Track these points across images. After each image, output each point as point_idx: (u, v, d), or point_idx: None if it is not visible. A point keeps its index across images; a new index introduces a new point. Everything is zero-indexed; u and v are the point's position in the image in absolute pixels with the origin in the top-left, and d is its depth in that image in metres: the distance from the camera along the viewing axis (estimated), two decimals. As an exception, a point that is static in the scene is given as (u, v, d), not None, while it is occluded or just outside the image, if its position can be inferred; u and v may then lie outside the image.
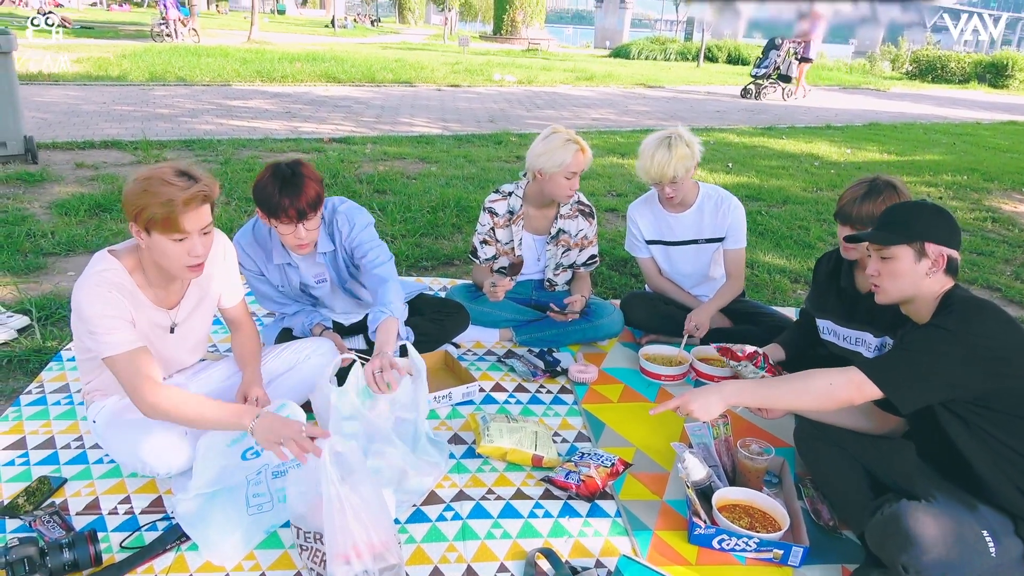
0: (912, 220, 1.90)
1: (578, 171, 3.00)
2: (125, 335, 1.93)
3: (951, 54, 27.76)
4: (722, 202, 3.17)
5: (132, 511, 2.03)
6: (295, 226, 2.37)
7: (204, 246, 1.97)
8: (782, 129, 11.18)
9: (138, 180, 1.87)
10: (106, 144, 6.94)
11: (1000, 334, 1.77)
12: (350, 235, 2.61)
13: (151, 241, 1.90)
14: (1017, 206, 6.91)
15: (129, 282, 1.99)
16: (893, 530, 1.74)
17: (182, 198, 1.84)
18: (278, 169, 2.35)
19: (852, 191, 2.41)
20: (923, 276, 1.88)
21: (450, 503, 2.15)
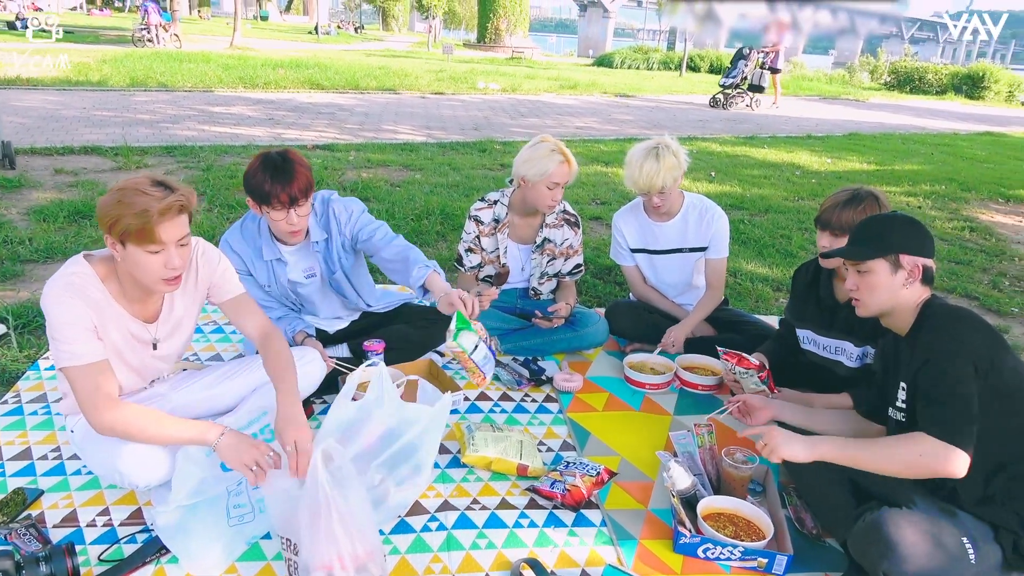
0: (885, 233, 1.92)
1: (561, 182, 2.99)
2: (84, 347, 1.86)
3: (928, 65, 28.16)
4: (706, 211, 3.19)
5: (111, 523, 2.00)
6: (287, 212, 2.42)
7: (181, 258, 1.90)
8: (764, 139, 11.28)
9: (112, 190, 1.83)
10: (86, 150, 6.87)
11: (983, 336, 1.81)
12: (350, 220, 2.68)
13: (126, 253, 1.84)
14: (994, 216, 7.01)
15: (100, 290, 1.93)
16: (874, 537, 1.75)
17: (158, 208, 1.78)
18: (268, 157, 2.41)
19: (834, 198, 2.45)
20: (900, 287, 1.90)
21: (435, 513, 2.13)
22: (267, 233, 2.63)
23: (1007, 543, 1.80)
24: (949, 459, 1.73)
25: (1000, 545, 1.80)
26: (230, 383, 2.37)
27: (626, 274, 3.40)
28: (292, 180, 2.37)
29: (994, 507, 1.81)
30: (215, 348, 3.13)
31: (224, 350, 3.11)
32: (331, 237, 2.69)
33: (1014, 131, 15.62)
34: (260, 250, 2.64)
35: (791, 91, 22.21)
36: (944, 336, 1.81)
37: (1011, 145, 13.03)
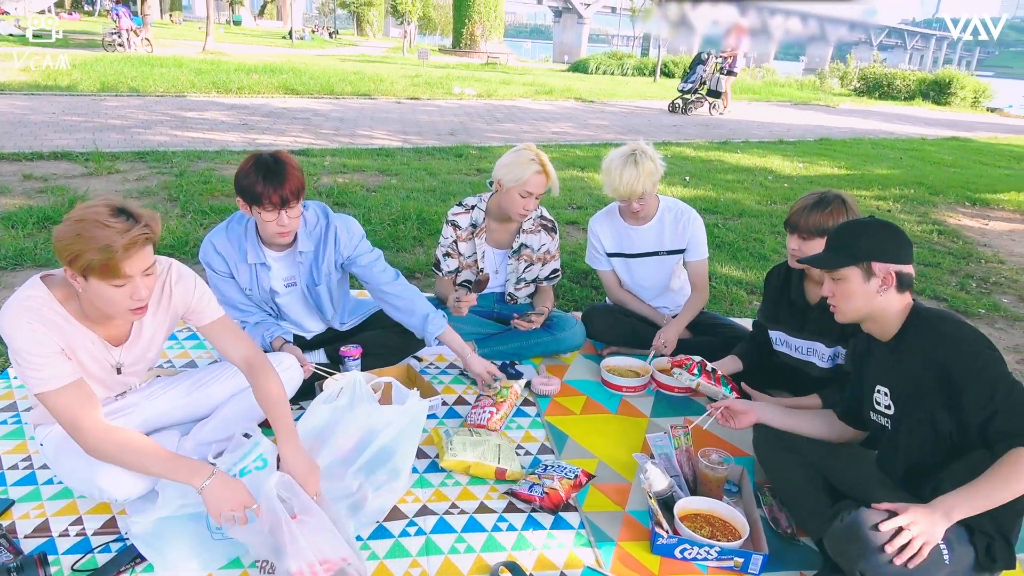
0: (857, 240, 1.92)
1: (535, 193, 2.99)
2: (52, 371, 1.79)
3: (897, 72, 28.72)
4: (681, 215, 3.22)
5: (84, 533, 1.97)
6: (278, 213, 2.42)
7: (148, 287, 1.81)
8: (737, 143, 11.41)
9: (70, 222, 1.68)
10: (56, 155, 6.76)
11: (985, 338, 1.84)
12: (350, 243, 2.72)
13: (88, 286, 1.73)
14: (961, 219, 7.16)
15: (58, 312, 1.83)
16: (852, 537, 1.78)
17: (122, 243, 1.66)
18: (260, 159, 2.41)
19: (802, 201, 2.49)
20: (874, 294, 1.90)
21: (413, 518, 2.13)
22: (254, 236, 2.61)
23: (981, 545, 1.83)
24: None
25: (974, 546, 1.83)
26: (206, 390, 2.35)
27: (602, 278, 3.42)
28: (284, 181, 2.38)
29: None
30: (189, 355, 3.10)
31: (199, 357, 3.08)
32: (321, 251, 2.69)
33: (979, 136, 15.98)
34: (245, 253, 2.62)
35: (763, 97, 22.53)
36: (967, 347, 1.80)
37: (977, 150, 13.32)
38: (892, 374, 1.94)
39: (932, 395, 1.87)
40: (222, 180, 6.17)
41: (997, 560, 1.87)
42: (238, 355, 2.12)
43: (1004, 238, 6.56)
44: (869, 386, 2.02)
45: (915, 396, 1.92)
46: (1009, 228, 7.01)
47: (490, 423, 2.58)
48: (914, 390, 1.92)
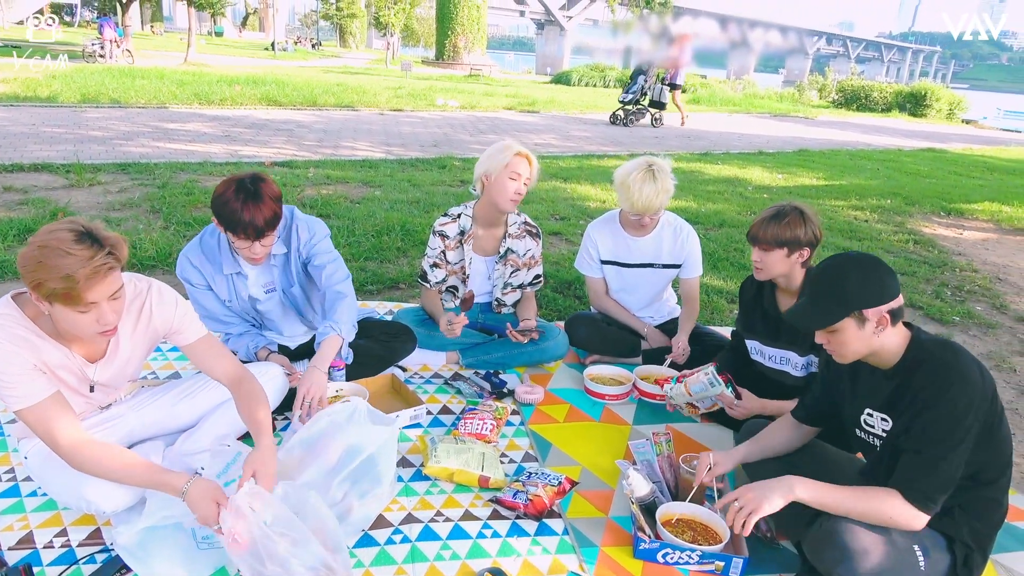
0: (842, 289, 1.83)
1: (522, 173, 3.04)
2: (26, 388, 1.77)
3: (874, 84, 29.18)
4: (680, 230, 3.27)
5: (69, 544, 1.97)
6: (251, 243, 2.43)
7: (115, 311, 1.78)
8: (718, 154, 11.55)
9: (33, 247, 1.65)
10: (36, 167, 6.72)
11: (985, 378, 1.79)
12: (309, 241, 2.69)
13: (54, 311, 1.72)
14: (936, 228, 7.29)
15: (29, 329, 1.82)
16: (830, 543, 1.82)
17: (84, 273, 1.63)
18: (241, 185, 2.37)
19: (762, 214, 2.57)
20: (871, 336, 1.83)
21: (399, 526, 2.15)
22: (227, 248, 2.62)
23: (960, 555, 1.88)
24: (914, 522, 1.79)
25: (952, 554, 1.88)
26: (191, 401, 2.36)
27: (589, 284, 3.45)
28: (261, 214, 2.36)
29: (951, 520, 1.88)
30: (174, 366, 3.10)
31: (183, 368, 3.08)
32: (290, 252, 2.70)
33: (954, 147, 16.26)
34: (220, 265, 2.63)
35: (743, 108, 22.78)
36: (955, 390, 1.75)
37: (951, 161, 13.56)
38: (891, 403, 1.90)
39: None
40: (205, 192, 6.16)
41: (973, 571, 1.92)
42: (222, 373, 2.12)
43: (978, 247, 6.69)
44: (856, 406, 2.00)
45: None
46: (983, 237, 7.15)
47: (492, 434, 2.62)
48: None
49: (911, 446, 1.79)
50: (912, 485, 1.78)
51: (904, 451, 1.81)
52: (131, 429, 2.24)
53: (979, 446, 1.78)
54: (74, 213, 5.15)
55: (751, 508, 1.85)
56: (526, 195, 3.14)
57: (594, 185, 7.94)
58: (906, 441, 1.81)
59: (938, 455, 1.76)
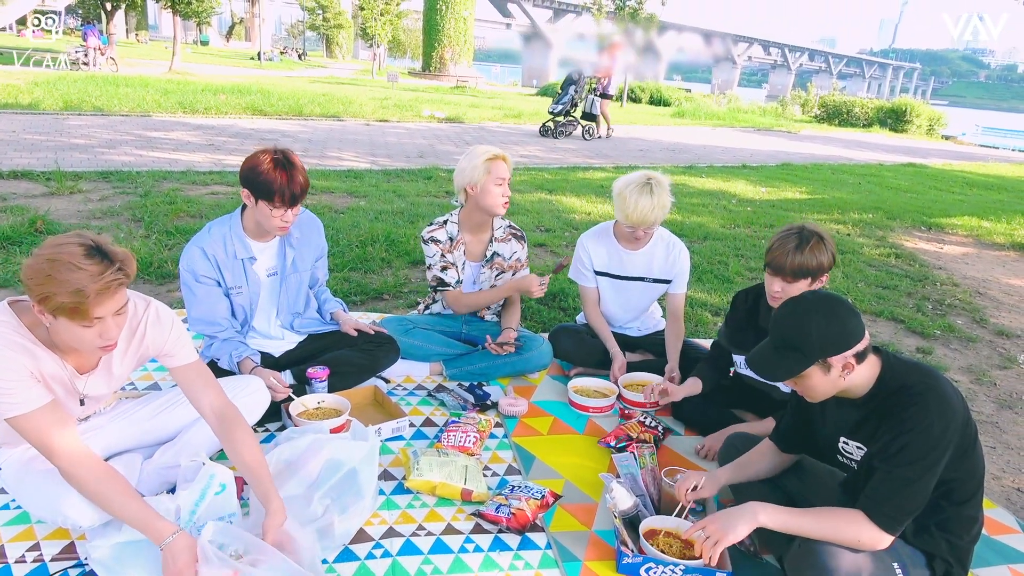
0: (805, 338, 1.78)
1: (506, 177, 3.09)
2: (24, 394, 1.75)
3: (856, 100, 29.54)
4: (673, 246, 3.28)
5: (41, 559, 1.93)
6: (286, 210, 2.57)
7: (118, 326, 1.78)
8: (702, 168, 11.63)
9: (41, 259, 1.64)
10: (15, 174, 6.64)
11: (959, 404, 1.79)
12: (321, 247, 3.01)
13: (56, 323, 1.70)
14: (917, 243, 7.36)
15: (25, 337, 1.79)
16: (810, 562, 1.82)
17: (95, 288, 1.63)
18: (276, 156, 2.55)
19: (782, 243, 2.45)
20: (838, 379, 1.81)
21: (379, 540, 2.12)
22: (239, 232, 2.71)
23: (939, 570, 1.88)
24: (879, 543, 1.79)
25: (932, 570, 1.88)
26: (170, 413, 2.32)
27: (583, 294, 3.42)
28: (297, 182, 2.55)
29: (928, 537, 1.88)
30: (152, 377, 3.05)
31: (163, 379, 3.04)
32: (306, 239, 2.90)
33: (934, 162, 16.48)
34: (234, 250, 2.69)
35: (727, 122, 22.98)
36: (933, 414, 1.74)
37: (932, 176, 13.74)
38: (863, 430, 1.90)
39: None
40: (188, 201, 6.12)
41: None
42: (208, 405, 2.06)
43: (958, 261, 6.77)
44: (830, 435, 2.00)
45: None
46: (962, 252, 7.23)
47: (475, 446, 2.60)
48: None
49: (883, 466, 1.79)
50: (879, 506, 1.78)
51: (876, 470, 1.81)
52: (110, 441, 2.21)
53: (952, 467, 1.79)
54: (53, 221, 5.08)
55: (716, 538, 1.86)
56: (511, 203, 3.16)
57: (579, 197, 7.96)
58: (880, 461, 1.81)
59: (909, 477, 1.76)
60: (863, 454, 1.91)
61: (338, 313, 3.12)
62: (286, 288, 2.89)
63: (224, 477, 1.98)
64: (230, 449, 2.01)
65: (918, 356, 4.13)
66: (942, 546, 1.88)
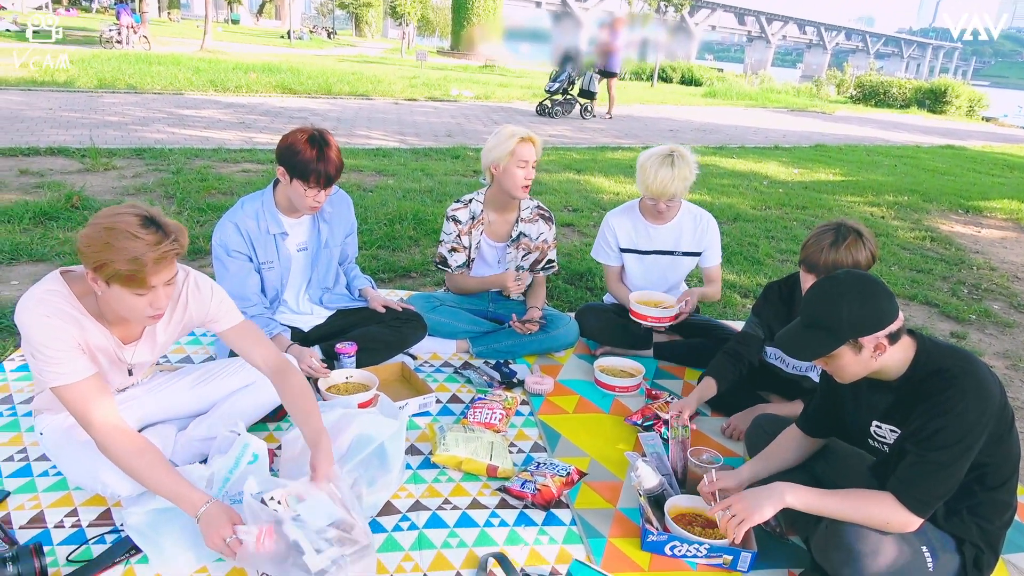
0: (836, 317, 1.75)
1: (529, 160, 3.04)
2: (70, 365, 1.80)
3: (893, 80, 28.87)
4: (701, 218, 3.27)
5: (79, 524, 1.98)
6: (319, 190, 2.61)
7: (167, 296, 1.85)
8: (733, 149, 11.47)
9: (98, 228, 1.70)
10: (52, 151, 6.76)
11: (997, 389, 1.76)
12: (351, 223, 3.05)
13: (110, 291, 1.76)
14: (954, 226, 7.21)
15: (77, 308, 1.85)
16: (836, 543, 1.80)
17: (152, 257, 1.69)
18: (313, 136, 2.58)
19: (817, 241, 2.37)
20: (869, 360, 1.78)
21: (406, 513, 2.15)
22: (272, 208, 2.75)
23: (969, 556, 1.86)
24: (908, 526, 1.77)
25: (961, 555, 1.86)
26: (205, 387, 2.37)
27: (605, 272, 3.45)
28: (332, 163, 2.59)
29: (959, 521, 1.86)
30: (185, 350, 3.11)
31: (195, 352, 3.10)
32: (338, 215, 2.95)
33: (973, 144, 16.08)
34: (267, 226, 2.73)
35: (759, 103, 22.59)
36: (970, 398, 1.71)
37: (970, 158, 13.41)
38: (898, 414, 1.86)
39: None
40: (219, 178, 6.19)
41: (984, 571, 1.90)
42: (261, 360, 2.13)
43: (996, 245, 6.62)
44: (862, 418, 1.96)
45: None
46: (1001, 236, 7.07)
47: (501, 423, 2.62)
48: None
49: (915, 449, 1.76)
50: (909, 489, 1.76)
51: (908, 453, 1.78)
52: (145, 412, 2.26)
53: (987, 452, 1.76)
54: (89, 197, 5.17)
55: (742, 517, 1.85)
56: (539, 183, 3.14)
57: (608, 177, 7.90)
58: (912, 444, 1.78)
59: (942, 462, 1.73)
60: (896, 437, 1.88)
61: (367, 290, 3.14)
62: (317, 263, 2.91)
63: (257, 448, 2.02)
64: (285, 395, 2.08)
65: (952, 341, 4.06)
66: (973, 531, 1.85)
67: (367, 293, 3.13)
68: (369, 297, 3.11)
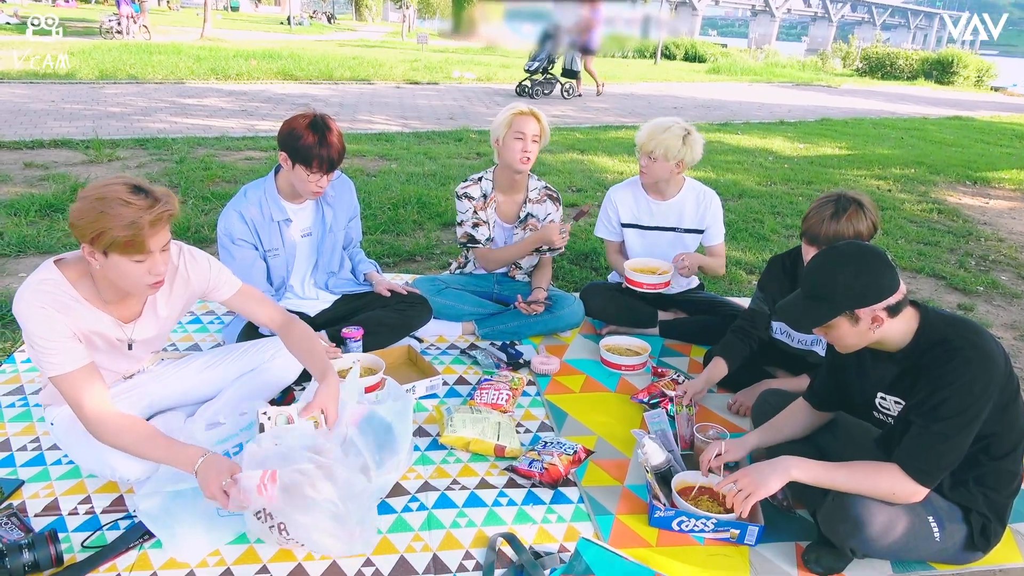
0: (833, 287, 1.76)
1: (528, 133, 3.04)
2: (63, 356, 1.83)
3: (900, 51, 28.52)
4: (704, 196, 3.26)
5: (93, 511, 2.01)
6: (322, 176, 2.61)
7: (165, 263, 1.87)
8: (737, 125, 11.39)
9: (89, 200, 1.73)
10: (56, 143, 6.77)
11: (997, 354, 1.75)
12: (353, 207, 3.05)
13: (108, 263, 1.78)
14: (961, 198, 7.15)
15: (70, 295, 1.87)
16: (843, 516, 1.82)
17: (148, 219, 1.73)
18: (314, 121, 2.58)
19: (818, 212, 2.36)
20: (867, 332, 1.78)
21: (415, 494, 2.17)
22: (274, 195, 2.75)
23: (976, 525, 1.87)
24: (914, 496, 1.79)
25: (968, 525, 1.87)
26: (211, 373, 2.39)
27: (607, 246, 3.46)
28: (336, 148, 2.59)
29: (965, 491, 1.86)
30: (193, 338, 3.13)
31: (202, 340, 3.11)
32: (340, 199, 2.94)
33: (981, 115, 15.91)
34: (270, 213, 2.73)
35: (764, 78, 22.39)
36: (975, 368, 1.71)
37: (978, 129, 13.28)
38: (902, 385, 1.86)
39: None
40: (222, 166, 6.19)
41: (991, 540, 1.91)
42: (267, 318, 2.25)
43: (1004, 216, 6.57)
44: (867, 390, 1.96)
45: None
46: (1009, 206, 7.01)
47: (508, 404, 2.63)
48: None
49: (920, 420, 1.77)
50: (914, 460, 1.77)
51: (913, 424, 1.79)
52: (153, 399, 2.28)
53: (992, 421, 1.76)
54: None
55: (748, 492, 1.87)
56: (543, 163, 3.13)
57: (611, 156, 7.87)
58: (917, 415, 1.78)
59: (947, 433, 1.73)
60: (901, 409, 1.88)
61: (372, 274, 3.15)
62: (322, 247, 2.93)
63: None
64: (292, 343, 2.21)
65: (959, 313, 4.04)
66: (979, 500, 1.86)
67: (372, 277, 3.14)
68: (374, 281, 3.11)
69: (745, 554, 2.01)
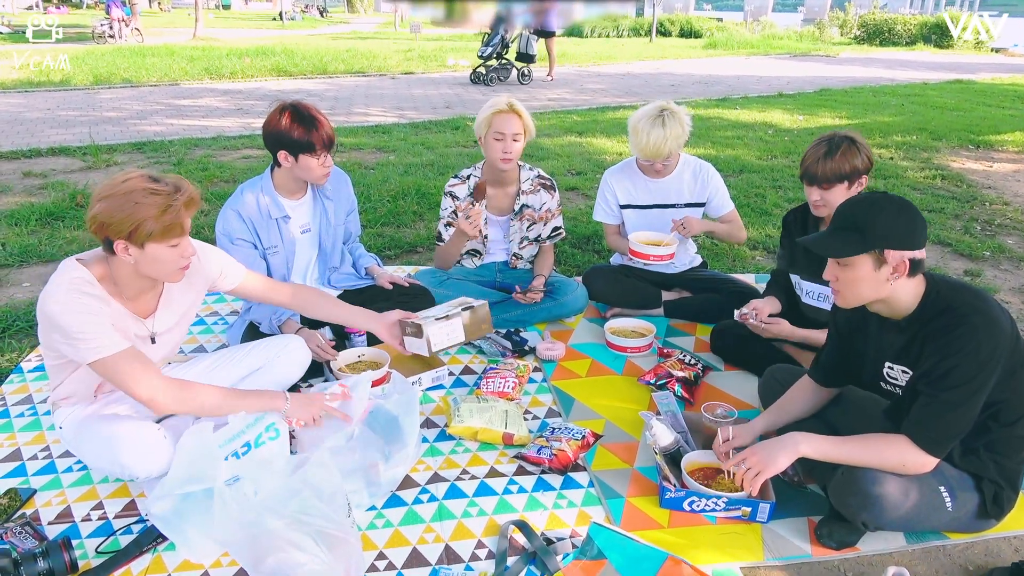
0: (870, 223, 1.72)
1: (506, 132, 3.00)
2: (112, 338, 1.88)
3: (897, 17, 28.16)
4: (700, 169, 3.24)
5: (105, 516, 2.02)
6: (324, 155, 2.64)
7: (190, 243, 1.97)
8: (736, 99, 11.30)
9: (116, 198, 1.79)
10: (53, 151, 6.76)
11: (1004, 320, 1.74)
12: (351, 200, 3.04)
13: (144, 254, 1.85)
14: (964, 163, 7.09)
15: (100, 291, 1.92)
16: (853, 489, 1.81)
17: (182, 201, 1.83)
18: (295, 111, 2.59)
19: (814, 151, 2.44)
20: (883, 282, 1.75)
21: (425, 486, 2.18)
22: (271, 192, 2.75)
23: (988, 492, 1.86)
24: (924, 467, 1.78)
25: (980, 493, 1.86)
26: (217, 374, 2.39)
27: (605, 229, 3.45)
28: (324, 123, 2.61)
29: (976, 459, 1.86)
30: (198, 340, 3.14)
31: (207, 341, 3.12)
32: (338, 194, 2.94)
33: (982, 77, 15.72)
34: (268, 211, 2.72)
35: (761, 51, 22.20)
36: (982, 335, 1.69)
37: (980, 91, 13.13)
38: (909, 353, 1.84)
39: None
40: (220, 166, 6.18)
41: (1004, 507, 1.90)
42: (280, 300, 2.39)
43: (1009, 179, 6.50)
44: (874, 360, 1.95)
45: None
46: (1014, 169, 6.94)
47: (514, 391, 2.63)
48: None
49: (928, 389, 1.76)
50: (923, 430, 1.76)
51: (921, 393, 1.78)
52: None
53: (1000, 388, 1.75)
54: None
55: (757, 470, 1.87)
56: (541, 148, 3.10)
57: (610, 138, 7.82)
58: (925, 384, 1.77)
59: (955, 401, 1.73)
60: (908, 378, 1.87)
61: (373, 268, 3.14)
62: (323, 242, 2.92)
63: (277, 423, 2.05)
64: (310, 308, 2.43)
65: (966, 279, 4.02)
66: (990, 468, 1.85)
67: (373, 271, 3.13)
68: (376, 275, 3.10)
69: (758, 531, 2.01)
